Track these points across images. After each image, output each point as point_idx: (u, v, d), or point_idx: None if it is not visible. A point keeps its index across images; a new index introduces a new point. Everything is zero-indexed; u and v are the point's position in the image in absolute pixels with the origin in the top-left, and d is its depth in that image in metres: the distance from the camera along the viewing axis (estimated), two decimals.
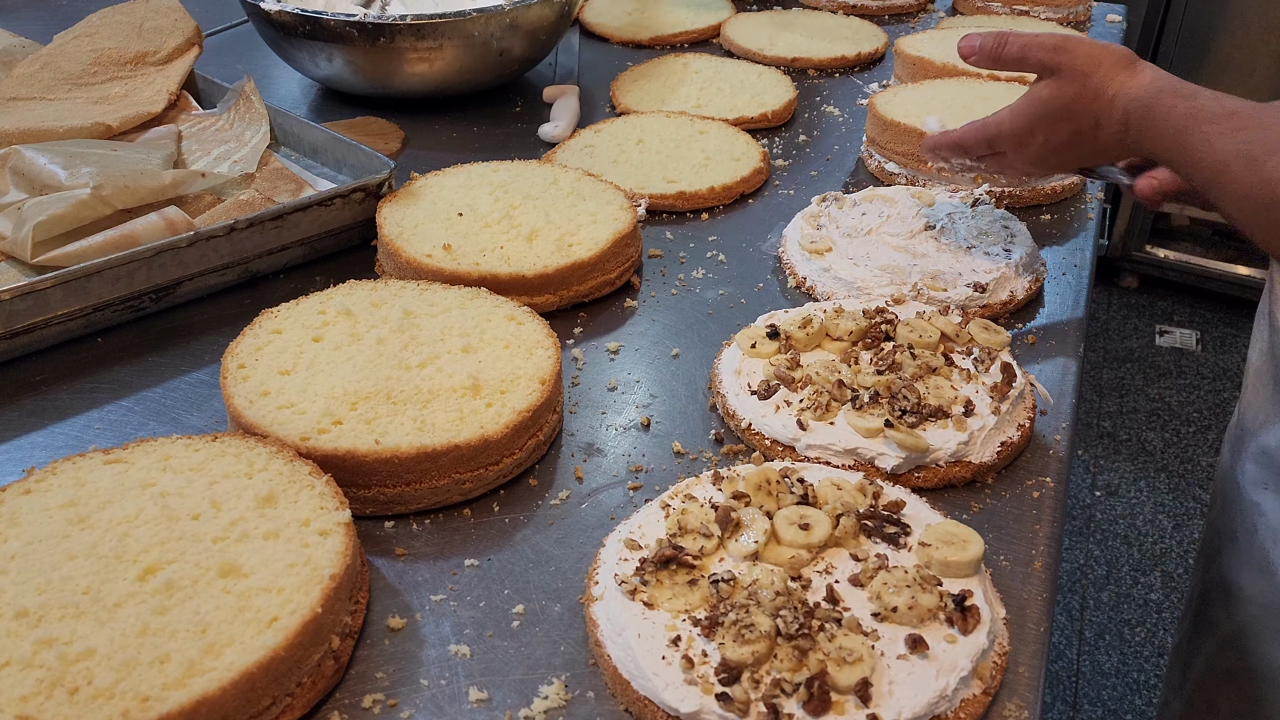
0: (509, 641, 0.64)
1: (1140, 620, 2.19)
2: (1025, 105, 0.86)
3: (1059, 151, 0.86)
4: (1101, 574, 2.30)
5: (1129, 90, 0.80)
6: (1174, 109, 0.76)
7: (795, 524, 0.66)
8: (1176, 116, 0.75)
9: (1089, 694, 2.03)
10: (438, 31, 1.26)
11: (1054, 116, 0.84)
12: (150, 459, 0.70)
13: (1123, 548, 2.37)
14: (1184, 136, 0.75)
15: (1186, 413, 2.77)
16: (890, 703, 0.57)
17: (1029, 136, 0.86)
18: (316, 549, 0.63)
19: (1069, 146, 0.85)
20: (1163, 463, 2.61)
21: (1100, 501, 2.50)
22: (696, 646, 0.60)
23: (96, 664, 0.55)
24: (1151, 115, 0.78)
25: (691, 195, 1.14)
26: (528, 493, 0.76)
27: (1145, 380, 2.88)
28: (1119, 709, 2.00)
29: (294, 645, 0.57)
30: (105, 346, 0.90)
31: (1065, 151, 0.86)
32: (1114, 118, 0.81)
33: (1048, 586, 0.68)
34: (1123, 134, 0.81)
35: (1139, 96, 0.79)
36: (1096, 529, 2.42)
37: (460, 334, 0.83)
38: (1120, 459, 2.62)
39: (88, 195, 0.95)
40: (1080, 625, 2.18)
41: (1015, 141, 0.88)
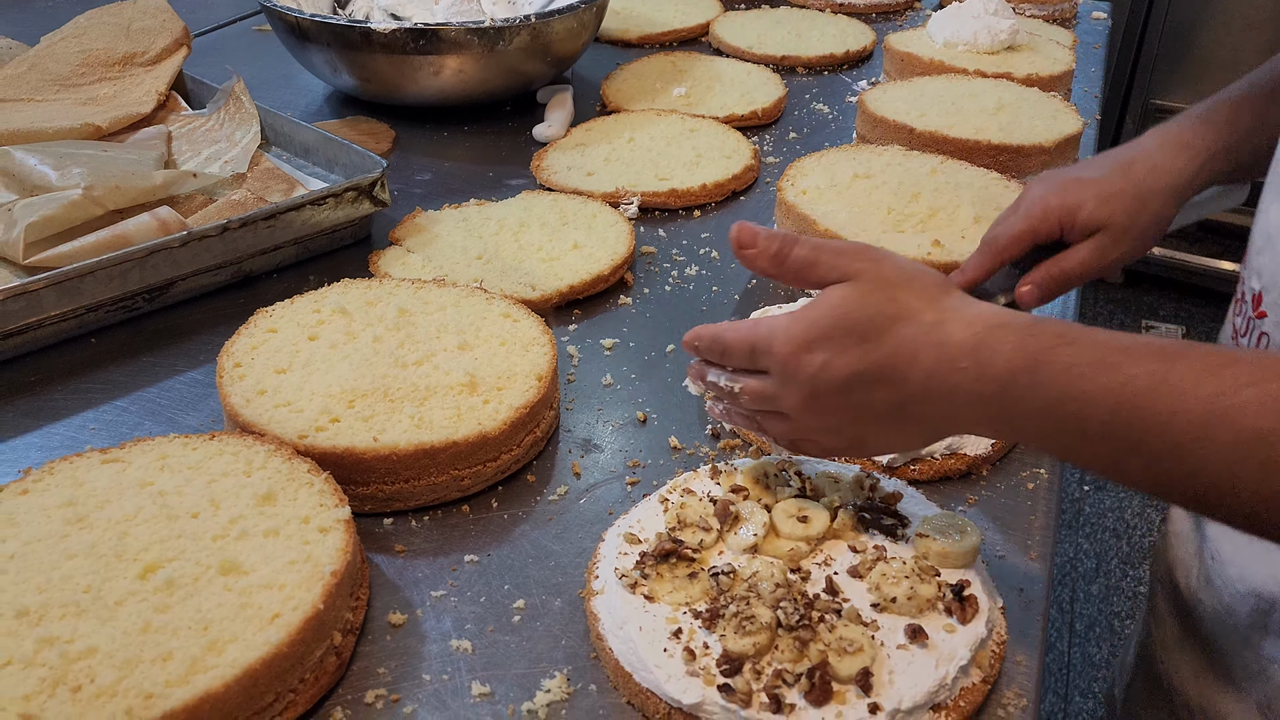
0: (510, 636, 0.64)
1: (1130, 612, 2.21)
2: (808, 311, 0.60)
3: (845, 390, 0.59)
4: (1091, 567, 2.32)
5: (964, 314, 0.58)
6: (1085, 337, 0.54)
7: (794, 517, 0.67)
8: (1092, 346, 0.53)
9: (1080, 685, 2.04)
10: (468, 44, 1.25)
11: (845, 332, 0.59)
12: (148, 458, 0.69)
13: (1112, 541, 2.39)
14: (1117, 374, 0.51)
15: None
16: (891, 691, 0.57)
17: (806, 355, 0.59)
18: (317, 546, 0.63)
19: (862, 383, 0.59)
20: None
21: (1089, 495, 2.52)
22: (698, 639, 0.60)
23: (99, 662, 0.55)
24: (1042, 345, 0.54)
25: (684, 192, 1.14)
26: (526, 489, 0.76)
27: None
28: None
29: (297, 641, 0.57)
30: (99, 347, 0.90)
31: (855, 391, 0.59)
32: (949, 347, 0.56)
33: (1044, 576, 0.69)
34: (974, 378, 0.56)
35: (1000, 323, 0.56)
36: (1085, 522, 2.43)
37: (456, 331, 0.83)
38: None
39: (79, 196, 0.95)
40: (1070, 618, 2.19)
41: (785, 356, 0.60)
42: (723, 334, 0.64)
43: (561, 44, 1.34)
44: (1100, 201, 0.77)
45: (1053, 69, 1.39)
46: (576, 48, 1.38)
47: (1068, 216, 0.78)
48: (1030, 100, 1.27)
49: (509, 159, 1.27)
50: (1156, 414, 0.50)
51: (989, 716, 0.60)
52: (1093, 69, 1.59)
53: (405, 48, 1.24)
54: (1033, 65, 1.40)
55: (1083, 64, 1.58)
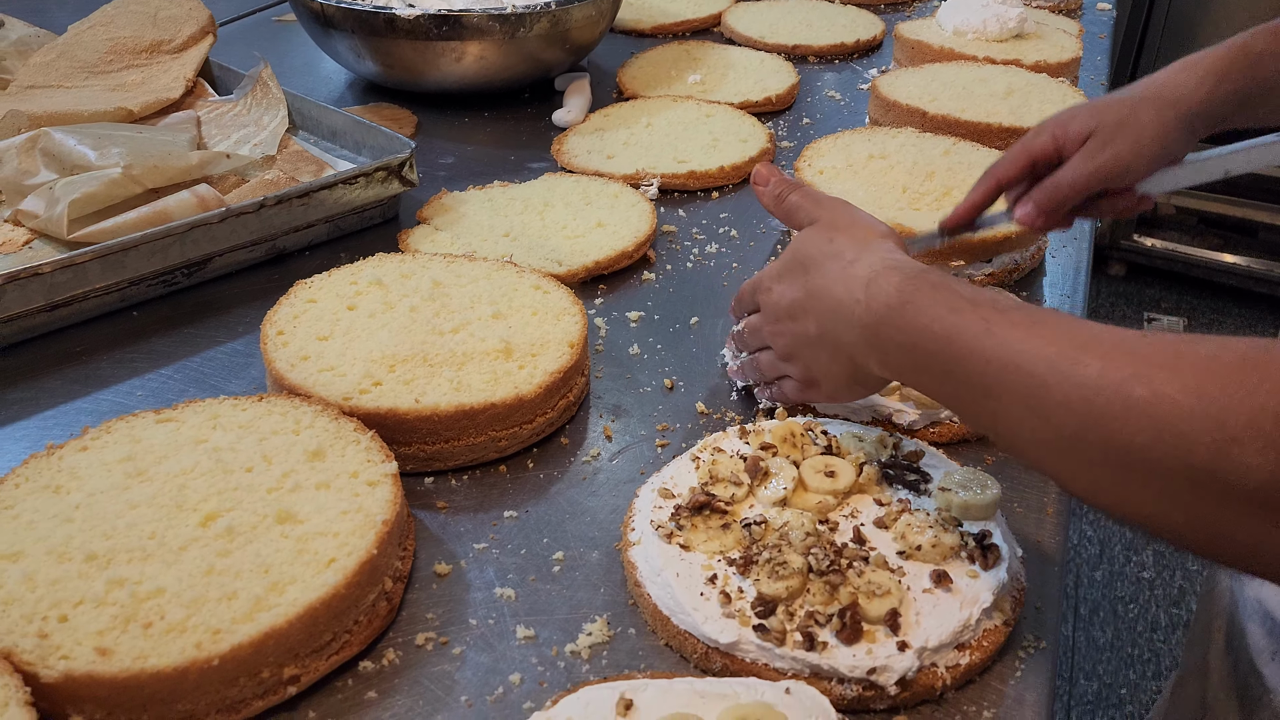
0: (551, 585, 0.67)
1: (1133, 597, 2.24)
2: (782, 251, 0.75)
3: (791, 315, 0.70)
4: (1094, 553, 2.35)
5: (876, 257, 0.64)
6: (950, 286, 0.59)
7: (821, 472, 0.70)
8: (950, 294, 0.58)
9: (1084, 668, 2.07)
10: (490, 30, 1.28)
11: (795, 265, 0.70)
12: (200, 418, 0.72)
13: (1114, 527, 2.42)
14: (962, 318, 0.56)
15: None
16: (918, 631, 0.60)
17: (774, 283, 0.72)
18: (367, 498, 0.65)
19: (800, 309, 0.69)
20: None
21: None
22: (733, 583, 0.63)
23: (167, 601, 0.58)
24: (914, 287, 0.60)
25: (702, 174, 1.17)
26: (560, 450, 0.79)
27: None
28: (1114, 683, 2.04)
29: (352, 584, 0.60)
30: (141, 319, 0.93)
31: (797, 316, 0.69)
32: (853, 281, 0.63)
33: (1060, 530, 0.72)
34: (864, 309, 0.62)
35: (894, 265, 0.62)
36: (1088, 510, 2.46)
37: (489, 302, 0.86)
38: None
39: (119, 175, 0.98)
40: (1075, 602, 2.22)
41: (762, 288, 0.74)
42: (741, 287, 0.79)
43: (580, 31, 1.37)
44: (1090, 112, 0.81)
45: (1060, 56, 1.42)
46: (594, 35, 1.41)
47: (1060, 130, 0.81)
48: (1039, 85, 1.30)
49: (530, 143, 1.30)
50: (973, 357, 0.55)
51: (1010, 657, 0.63)
52: (1098, 58, 1.62)
53: (428, 34, 1.27)
54: (1040, 53, 1.43)
55: (1089, 53, 1.61)
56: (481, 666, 0.61)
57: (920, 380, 0.61)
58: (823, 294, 0.66)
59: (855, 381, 0.69)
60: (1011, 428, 0.54)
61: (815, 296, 0.67)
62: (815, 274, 0.67)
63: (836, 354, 0.67)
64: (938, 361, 0.58)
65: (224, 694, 0.56)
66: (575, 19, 1.34)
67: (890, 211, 0.99)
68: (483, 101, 1.41)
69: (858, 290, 0.63)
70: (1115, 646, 2.12)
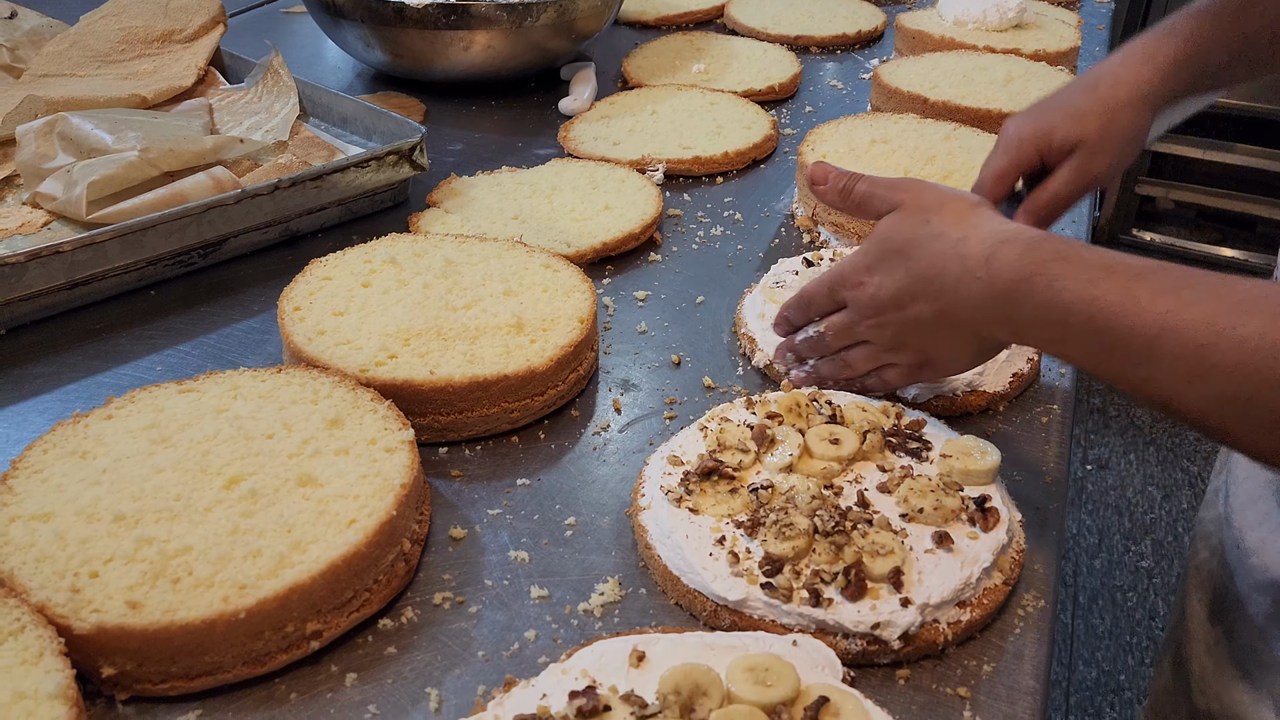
0: (563, 548, 0.69)
1: (1132, 585, 2.26)
2: (866, 243, 0.72)
3: (897, 304, 0.69)
4: (1094, 542, 2.37)
5: (984, 231, 0.65)
6: (1078, 255, 0.60)
7: (826, 440, 0.71)
8: (1080, 264, 0.59)
9: (1084, 655, 2.09)
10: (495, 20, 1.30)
11: (890, 254, 0.69)
12: (221, 388, 0.74)
13: (1114, 517, 2.44)
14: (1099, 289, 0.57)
15: None
16: (920, 589, 0.62)
17: (867, 276, 0.70)
18: (385, 463, 0.67)
19: (908, 296, 0.68)
20: (1151, 437, 2.68)
21: (1091, 474, 2.57)
22: (741, 544, 0.65)
23: (194, 558, 0.60)
24: (1039, 259, 0.61)
25: (707, 160, 1.19)
26: (571, 422, 0.81)
27: None
28: (1113, 669, 2.06)
29: (372, 543, 0.62)
30: (159, 298, 0.95)
31: (906, 305, 0.69)
32: (969, 260, 0.64)
33: (1059, 496, 0.74)
34: (988, 286, 0.63)
35: (1010, 237, 0.63)
36: (1088, 500, 2.49)
37: (501, 280, 0.88)
38: (1110, 434, 2.69)
39: (136, 158, 1.00)
40: (1074, 590, 2.24)
41: (854, 283, 0.71)
42: (804, 290, 0.77)
43: (585, 21, 1.39)
44: (1072, 120, 0.82)
45: (1059, 45, 1.44)
46: (599, 25, 1.43)
47: (1043, 141, 0.82)
48: (1039, 74, 1.32)
49: (537, 131, 1.32)
50: (1120, 326, 0.56)
51: (1010, 614, 0.65)
52: (1097, 49, 1.64)
53: (436, 23, 1.29)
54: (1040, 42, 1.45)
55: (1087, 44, 1.63)
56: (497, 624, 0.63)
57: (1059, 349, 0.62)
58: (935, 277, 0.66)
59: (980, 353, 0.70)
60: (1169, 393, 0.55)
61: (926, 280, 0.67)
62: (919, 258, 0.67)
63: (957, 331, 0.68)
64: (1078, 333, 0.59)
65: (249, 647, 0.58)
66: (581, 9, 1.36)
67: None
68: (490, 91, 1.43)
69: (977, 268, 0.63)
70: (1114, 634, 2.14)
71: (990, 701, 0.59)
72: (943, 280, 0.66)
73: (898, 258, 0.68)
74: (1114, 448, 2.64)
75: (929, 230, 0.67)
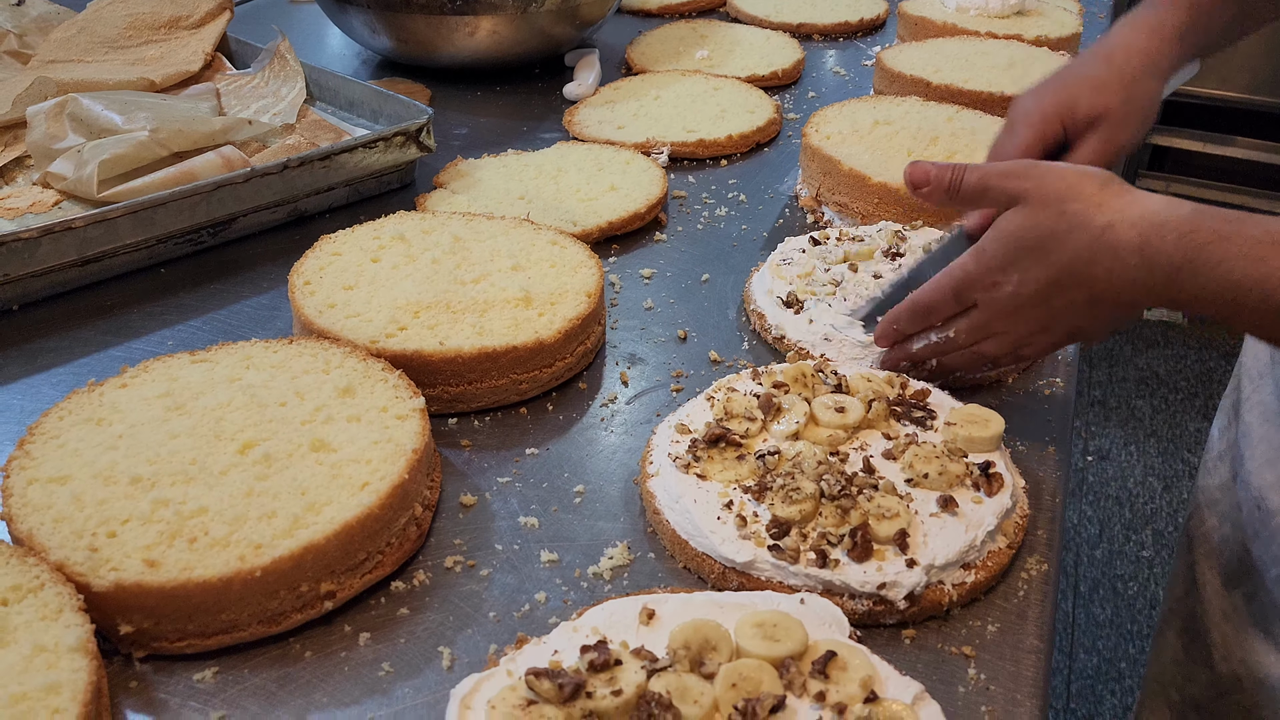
0: (572, 515, 0.70)
1: (1133, 575, 2.26)
2: (990, 242, 0.69)
3: (1042, 299, 0.68)
4: (1094, 532, 2.38)
5: (1131, 215, 0.64)
6: (1238, 232, 0.60)
7: (831, 408, 0.72)
8: (1244, 241, 0.60)
9: (1084, 643, 2.10)
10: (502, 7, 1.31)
11: (1027, 251, 0.67)
12: (233, 358, 0.75)
13: (1114, 508, 2.45)
14: None
15: (1174, 381, 2.85)
16: (925, 551, 0.63)
17: (1001, 276, 0.69)
18: (396, 430, 0.68)
19: (1055, 289, 0.68)
20: (1152, 428, 2.68)
21: (1092, 465, 2.57)
22: (748, 508, 0.66)
23: (210, 519, 0.61)
24: (1198, 242, 0.61)
25: (711, 143, 1.20)
26: (578, 395, 0.82)
27: (1134, 350, 2.96)
28: (1114, 657, 2.07)
29: (385, 506, 0.63)
30: (168, 276, 0.96)
31: (1052, 297, 0.68)
32: (1121, 249, 0.64)
33: (1061, 466, 0.75)
34: (1145, 273, 0.63)
35: (1161, 221, 0.63)
36: (1089, 490, 2.49)
37: (508, 255, 0.88)
38: (1110, 425, 2.70)
39: (146, 137, 1.01)
40: (1075, 580, 2.25)
41: (986, 285, 0.70)
42: (919, 299, 0.74)
43: (589, 8, 1.40)
44: (1094, 92, 0.81)
45: (1061, 31, 1.45)
46: (603, 12, 1.44)
47: (1067, 114, 0.81)
48: (1041, 58, 1.32)
49: (541, 115, 1.32)
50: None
51: (1014, 577, 0.66)
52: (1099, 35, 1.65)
53: (442, 8, 1.30)
54: (1041, 28, 1.46)
55: (1089, 31, 1.63)
56: (508, 586, 0.64)
57: (1228, 322, 0.63)
58: (1083, 269, 0.66)
59: (1132, 318, 0.72)
60: None
61: (1073, 274, 0.66)
62: (1062, 252, 0.66)
63: (1116, 310, 0.68)
64: (1251, 310, 0.60)
65: (265, 606, 0.59)
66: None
67: (896, 174, 1.02)
68: (494, 77, 1.44)
69: (1130, 256, 0.64)
70: (1115, 623, 2.14)
71: (995, 660, 0.60)
72: (1092, 271, 0.65)
73: (1036, 254, 0.67)
74: (1115, 439, 2.65)
75: (1067, 222, 0.66)
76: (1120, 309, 0.68)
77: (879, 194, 1.00)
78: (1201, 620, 0.86)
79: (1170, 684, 0.93)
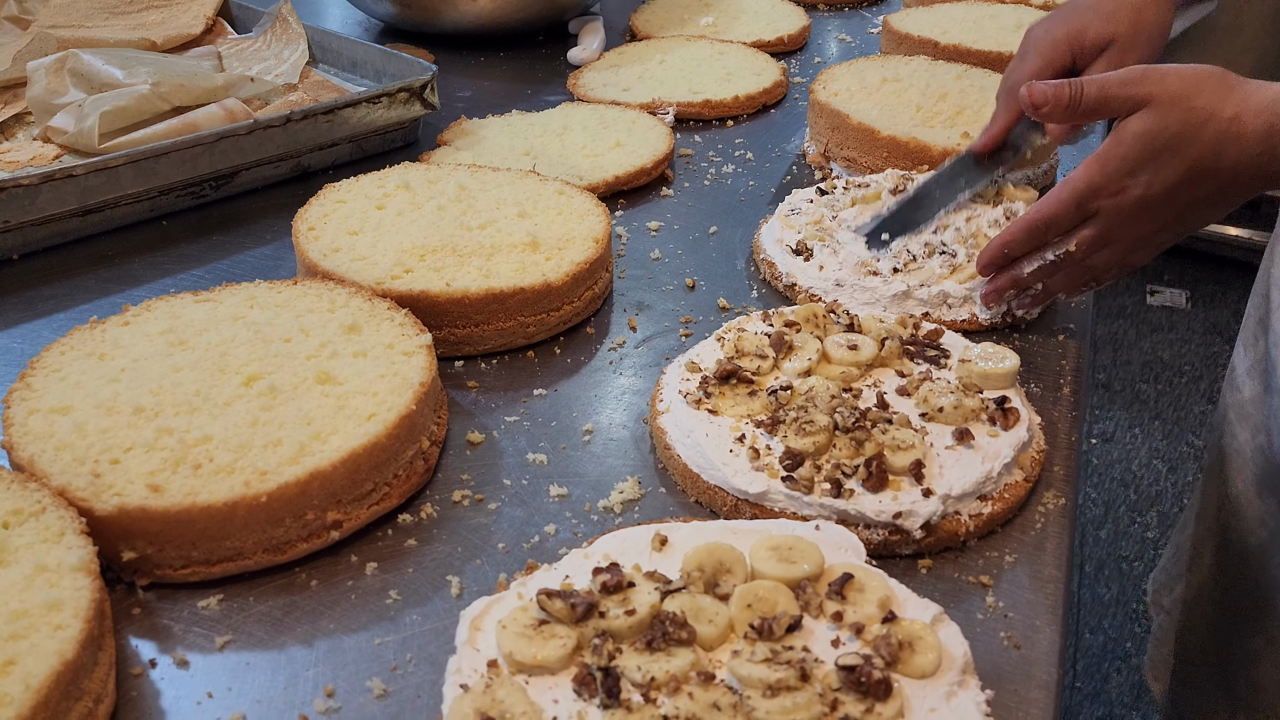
0: (581, 452, 0.69)
1: (1138, 555, 2.25)
2: (1115, 148, 0.69)
3: (1170, 198, 0.69)
4: (1099, 514, 2.36)
5: (1255, 103, 0.66)
6: None
7: (844, 346, 0.71)
8: None
9: (1090, 623, 2.09)
10: None
11: (1158, 152, 0.68)
12: (237, 298, 0.74)
13: (1119, 489, 2.44)
14: None
15: (1178, 364, 2.84)
16: (941, 481, 0.62)
17: (1129, 180, 0.69)
18: (403, 365, 0.67)
19: (1184, 187, 0.68)
20: (1156, 411, 2.67)
21: (1096, 448, 2.56)
22: (761, 442, 0.64)
23: (215, 446, 0.59)
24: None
25: (717, 104, 1.19)
26: (586, 339, 0.81)
27: (1138, 334, 2.95)
28: (1119, 636, 2.06)
29: (392, 436, 0.61)
30: (170, 228, 0.95)
31: (1179, 195, 0.69)
32: (1247, 137, 0.65)
33: (1076, 406, 0.74)
34: (1270, 159, 0.66)
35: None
36: (1093, 472, 2.48)
37: (515, 204, 0.87)
38: (1115, 408, 2.69)
39: (148, 90, 1.00)
40: (1080, 560, 2.24)
41: (1113, 191, 0.70)
42: (1038, 214, 0.73)
43: None
44: (1102, 19, 0.82)
45: None
46: None
47: (1075, 41, 0.82)
48: None
49: (545, 79, 1.31)
50: None
51: (1031, 511, 0.65)
52: None
53: None
54: None
55: None
56: (517, 519, 0.63)
57: None
58: (1211, 162, 0.67)
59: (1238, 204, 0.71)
60: None
61: (1202, 167, 0.67)
62: (1193, 147, 0.67)
63: (1235, 200, 0.69)
64: None
65: (270, 534, 0.58)
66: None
67: (905, 127, 1.01)
68: (498, 43, 1.43)
69: (1256, 144, 0.65)
70: (1120, 602, 2.13)
71: (1013, 589, 0.59)
72: (1219, 163, 0.66)
73: (1166, 154, 0.67)
74: (1119, 422, 2.64)
75: (1196, 117, 0.66)
76: (1239, 198, 0.69)
77: (888, 147, 0.99)
78: (1237, 534, 0.86)
79: (1206, 604, 0.93)
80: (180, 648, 0.55)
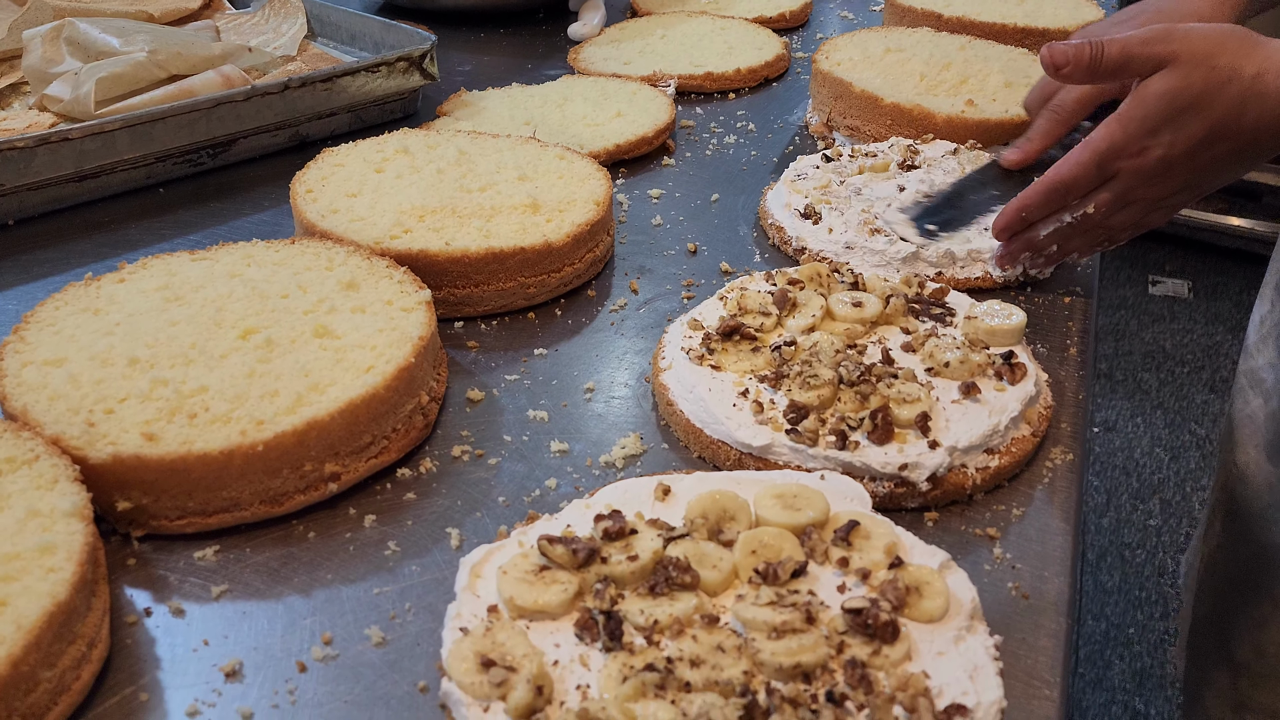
0: (583, 410, 0.68)
1: (1140, 543, 2.25)
2: (1136, 108, 0.68)
3: (1191, 158, 0.68)
4: (1101, 501, 2.36)
5: (1278, 61, 0.65)
6: None
7: (848, 303, 0.70)
8: None
9: (1093, 610, 2.08)
10: None
11: (1180, 111, 0.66)
12: (234, 256, 0.73)
13: (1122, 478, 2.43)
14: None
15: (1180, 354, 2.83)
16: (948, 434, 0.61)
17: (1151, 140, 0.67)
18: (402, 320, 0.66)
19: (1205, 146, 0.67)
20: (1159, 400, 2.67)
21: (1099, 437, 2.55)
22: (764, 396, 0.64)
23: (211, 397, 0.59)
24: None
25: (719, 76, 1.18)
26: (587, 301, 0.80)
27: (1140, 325, 2.94)
28: (1122, 623, 2.05)
29: (391, 388, 0.61)
30: (167, 195, 0.94)
31: (1200, 154, 0.68)
32: (1270, 96, 0.65)
33: (1083, 366, 0.73)
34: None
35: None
36: (1096, 461, 2.47)
37: (515, 167, 0.86)
38: (1117, 397, 2.68)
39: (144, 58, 0.99)
40: (1082, 547, 2.23)
41: (1134, 152, 0.68)
42: (1057, 177, 0.70)
43: None
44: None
45: None
46: None
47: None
48: None
49: (546, 54, 1.30)
50: None
51: (1038, 466, 0.64)
52: None
53: None
54: None
55: None
56: (517, 474, 0.62)
57: None
58: (1233, 121, 0.66)
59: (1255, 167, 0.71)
60: None
61: (1223, 127, 0.66)
62: (1215, 106, 0.66)
63: (1256, 159, 0.68)
64: None
65: (267, 485, 0.57)
66: None
67: (909, 95, 1.00)
68: (498, 20, 1.42)
69: (1277, 103, 0.65)
70: (1123, 589, 2.13)
71: (1020, 542, 0.58)
72: (1241, 122, 0.66)
73: (1189, 113, 0.66)
74: (1121, 411, 2.63)
75: (1219, 75, 0.65)
76: (1260, 157, 0.68)
77: (891, 115, 0.98)
78: (1241, 500, 0.85)
79: (1218, 570, 0.92)
80: (176, 597, 0.54)
